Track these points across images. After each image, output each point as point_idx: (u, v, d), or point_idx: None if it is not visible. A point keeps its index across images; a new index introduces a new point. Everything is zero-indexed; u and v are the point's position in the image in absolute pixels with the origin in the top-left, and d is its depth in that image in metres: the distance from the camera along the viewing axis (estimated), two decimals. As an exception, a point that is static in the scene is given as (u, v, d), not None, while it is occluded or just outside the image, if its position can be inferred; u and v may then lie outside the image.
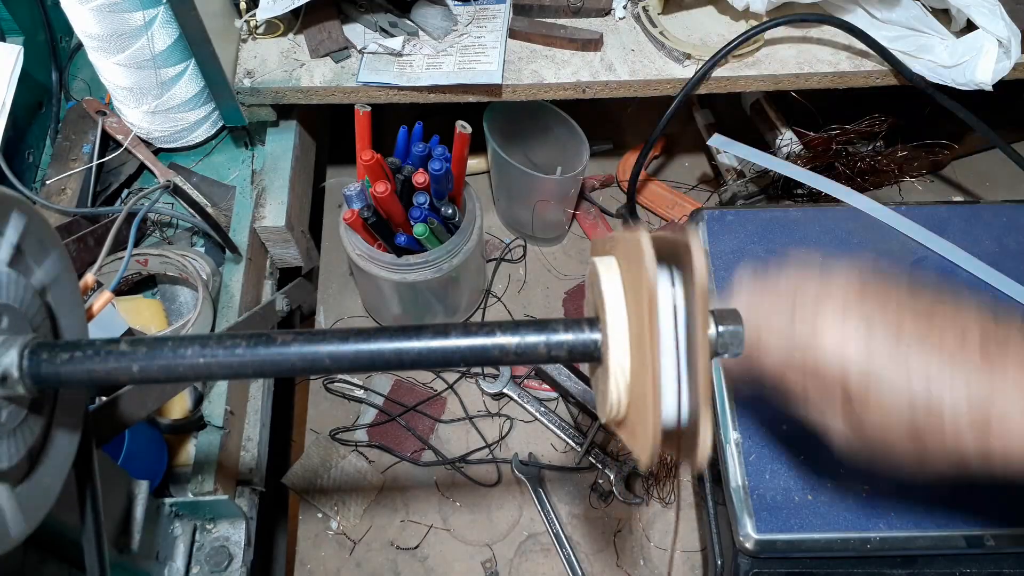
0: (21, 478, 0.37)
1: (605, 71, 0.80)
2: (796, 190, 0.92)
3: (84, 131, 0.87)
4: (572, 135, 0.86)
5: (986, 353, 0.42)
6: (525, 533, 0.81)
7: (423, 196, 0.75)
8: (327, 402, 0.88)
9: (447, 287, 0.82)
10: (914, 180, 0.98)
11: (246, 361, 0.35)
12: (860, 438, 0.45)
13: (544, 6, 0.83)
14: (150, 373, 0.35)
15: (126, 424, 0.55)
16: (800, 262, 0.48)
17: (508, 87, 0.79)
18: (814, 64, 0.80)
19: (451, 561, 0.79)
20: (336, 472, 0.84)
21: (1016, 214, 0.81)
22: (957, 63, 0.76)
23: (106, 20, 0.73)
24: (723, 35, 0.81)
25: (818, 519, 0.65)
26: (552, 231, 0.97)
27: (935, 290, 0.46)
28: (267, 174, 0.86)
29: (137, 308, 0.79)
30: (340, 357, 0.36)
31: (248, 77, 0.80)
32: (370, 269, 0.76)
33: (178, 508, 0.67)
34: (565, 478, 0.83)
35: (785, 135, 0.94)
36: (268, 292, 0.87)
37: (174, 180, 0.78)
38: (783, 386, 0.47)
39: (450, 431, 0.86)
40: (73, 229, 0.78)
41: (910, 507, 0.66)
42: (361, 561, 0.79)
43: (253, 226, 0.83)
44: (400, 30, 0.80)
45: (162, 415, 0.73)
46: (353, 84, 0.79)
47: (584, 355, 0.37)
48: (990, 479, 0.42)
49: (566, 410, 0.87)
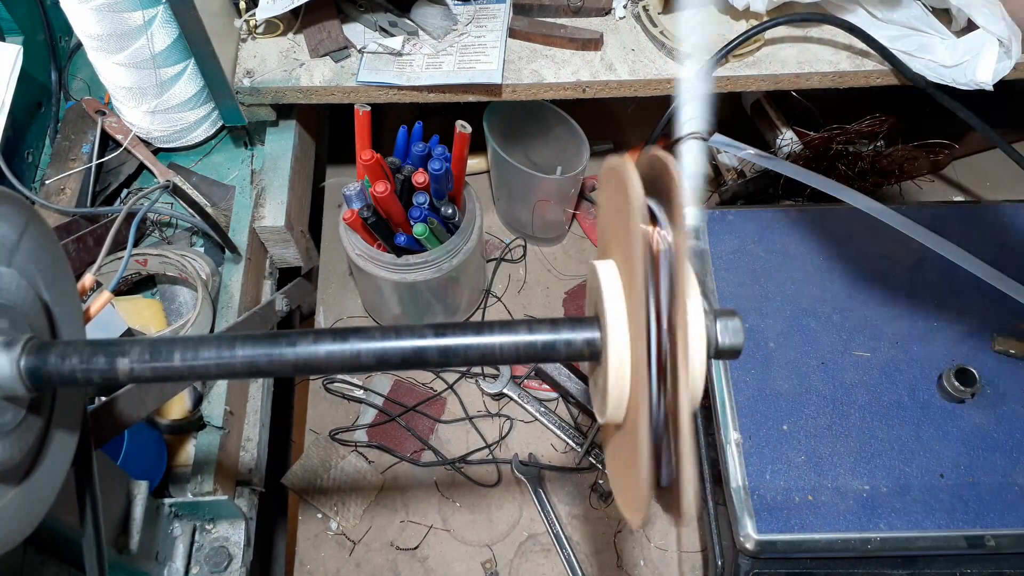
0: (20, 478, 0.36)
1: (605, 71, 0.79)
2: (796, 190, 0.92)
3: (83, 131, 0.87)
4: (572, 135, 0.86)
5: None
6: (525, 533, 0.80)
7: (423, 196, 0.75)
8: (327, 402, 0.88)
9: (447, 287, 0.82)
10: (914, 180, 0.98)
11: (246, 361, 0.35)
12: None
13: (544, 6, 0.82)
14: (149, 373, 0.35)
15: (125, 424, 0.55)
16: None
17: (508, 87, 0.79)
18: (814, 64, 0.80)
19: (451, 561, 0.79)
20: (336, 472, 0.83)
21: (1016, 214, 0.81)
22: (958, 63, 0.76)
23: (106, 20, 0.73)
24: (723, 35, 0.81)
25: (818, 519, 0.65)
26: (552, 231, 0.97)
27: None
28: (266, 174, 0.86)
29: (136, 308, 0.79)
30: (340, 356, 0.35)
31: (248, 77, 0.80)
32: (370, 269, 0.76)
33: (177, 508, 0.67)
34: (565, 478, 0.83)
35: (785, 135, 0.93)
36: (268, 292, 0.87)
37: (173, 180, 0.78)
38: None
39: (450, 431, 0.86)
40: (72, 229, 0.78)
41: (910, 507, 0.66)
42: (361, 561, 0.79)
43: (252, 226, 0.83)
44: (400, 30, 0.80)
45: (161, 415, 0.73)
46: (353, 84, 0.79)
47: (584, 355, 0.37)
48: None
49: (566, 410, 0.87)
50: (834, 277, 0.77)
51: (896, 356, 0.73)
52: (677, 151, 0.50)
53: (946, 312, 0.75)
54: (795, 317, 0.75)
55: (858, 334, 0.74)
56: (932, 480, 0.67)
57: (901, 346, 0.74)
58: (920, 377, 0.72)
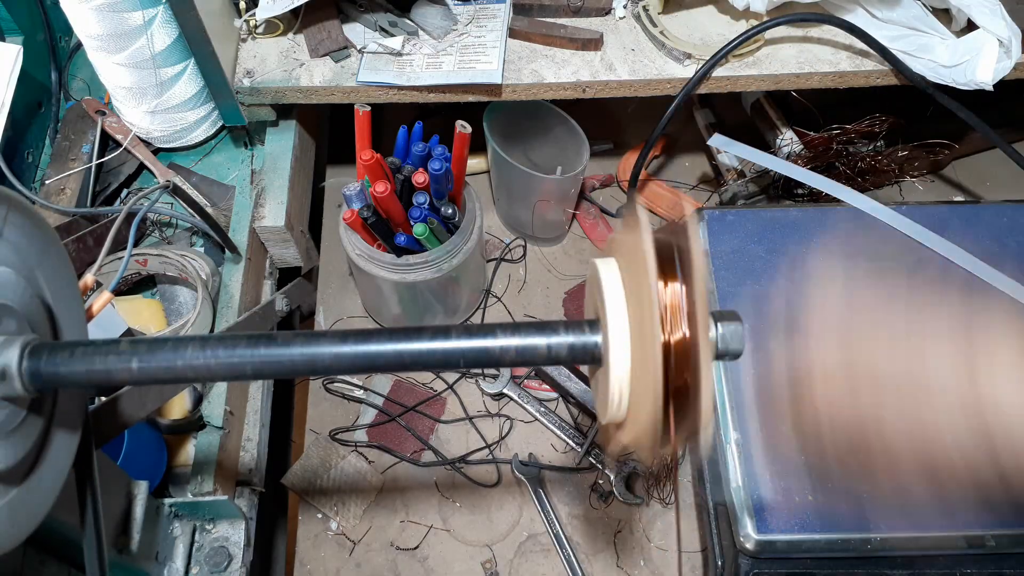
0: (21, 478, 0.36)
1: (605, 71, 0.79)
2: (796, 190, 0.92)
3: (83, 131, 0.87)
4: (572, 135, 0.86)
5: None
6: (525, 533, 0.80)
7: (423, 196, 0.75)
8: (327, 402, 0.88)
9: (447, 287, 0.82)
10: (914, 180, 0.98)
11: (246, 361, 0.35)
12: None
13: (544, 5, 0.82)
14: (149, 373, 0.35)
15: (126, 424, 0.55)
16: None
17: (508, 87, 0.79)
18: (814, 64, 0.80)
19: (451, 561, 0.79)
20: (336, 472, 0.83)
21: (1016, 214, 0.81)
22: (957, 63, 0.76)
23: (106, 20, 0.73)
24: (723, 35, 0.81)
25: (819, 519, 0.65)
26: (552, 231, 0.97)
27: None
28: (266, 174, 0.86)
29: (136, 308, 0.79)
30: (340, 357, 0.35)
31: (248, 77, 0.80)
32: (370, 269, 0.76)
33: (177, 508, 0.67)
34: (565, 478, 0.83)
35: (785, 135, 0.93)
36: (268, 292, 0.87)
37: (173, 180, 0.78)
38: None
39: (450, 431, 0.86)
40: (72, 229, 0.78)
41: (910, 507, 0.66)
42: (361, 562, 0.79)
43: (252, 226, 0.83)
44: (400, 30, 0.80)
45: (162, 415, 0.73)
46: (353, 84, 0.79)
47: (584, 357, 0.37)
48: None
49: (566, 410, 0.87)
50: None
51: (896, 356, 0.73)
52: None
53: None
54: (795, 317, 0.75)
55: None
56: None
57: (901, 346, 0.73)
58: (920, 377, 0.72)
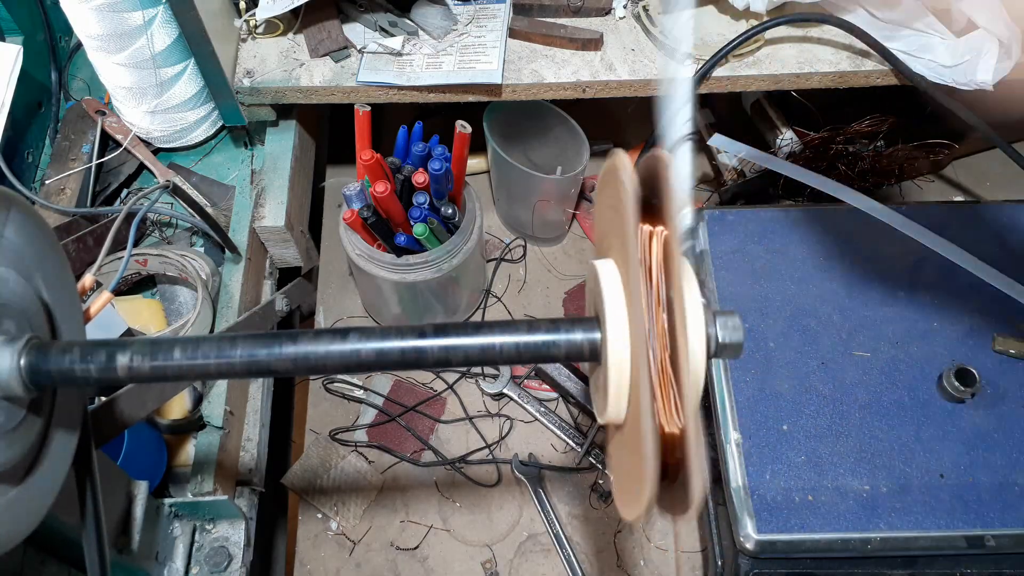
0: (21, 478, 0.36)
1: (605, 71, 0.79)
2: (796, 190, 0.92)
3: (83, 131, 0.87)
4: (572, 135, 0.86)
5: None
6: (525, 533, 0.80)
7: (423, 196, 0.75)
8: (327, 402, 0.88)
9: (447, 287, 0.82)
10: (914, 180, 0.98)
11: (245, 361, 0.35)
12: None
13: (544, 5, 0.82)
14: (149, 373, 0.35)
15: (125, 424, 0.55)
16: None
17: (508, 87, 0.79)
18: (814, 64, 0.80)
19: (451, 561, 0.79)
20: (336, 472, 0.83)
21: (1016, 214, 0.81)
22: (958, 63, 0.76)
23: (106, 20, 0.73)
24: (723, 35, 0.81)
25: (818, 519, 0.65)
26: (552, 231, 0.97)
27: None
28: (266, 174, 0.86)
29: (136, 308, 0.79)
30: (340, 357, 0.35)
31: (248, 77, 0.80)
32: (370, 269, 0.76)
33: (177, 508, 0.67)
34: (565, 478, 0.83)
35: (785, 135, 0.93)
36: (268, 292, 0.87)
37: (173, 180, 0.78)
38: None
39: (450, 431, 0.86)
40: (72, 229, 0.78)
41: (910, 507, 0.66)
42: (361, 562, 0.79)
43: (252, 226, 0.83)
44: (400, 30, 0.80)
45: (161, 415, 0.73)
46: (353, 84, 0.79)
47: (584, 355, 0.37)
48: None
49: (566, 410, 0.87)
50: (834, 277, 0.77)
51: (896, 356, 0.73)
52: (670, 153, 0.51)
53: (946, 312, 0.75)
54: (795, 317, 0.75)
55: (858, 334, 0.74)
56: (932, 480, 0.67)
57: (901, 346, 0.74)
58: (920, 377, 0.72)
